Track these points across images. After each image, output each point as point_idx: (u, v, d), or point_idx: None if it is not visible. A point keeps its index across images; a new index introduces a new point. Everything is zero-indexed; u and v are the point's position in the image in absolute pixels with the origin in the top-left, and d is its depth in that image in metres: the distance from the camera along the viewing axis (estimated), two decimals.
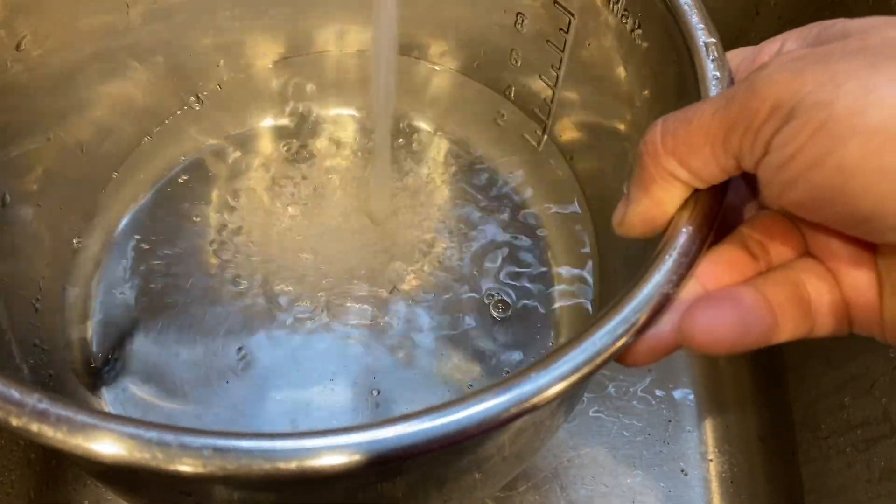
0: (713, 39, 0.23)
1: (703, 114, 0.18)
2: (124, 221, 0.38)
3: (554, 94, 0.34)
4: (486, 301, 0.37)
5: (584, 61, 0.32)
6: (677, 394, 0.44)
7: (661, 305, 0.19)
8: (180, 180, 0.40)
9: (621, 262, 0.29)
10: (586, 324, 0.19)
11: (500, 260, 0.38)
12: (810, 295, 0.19)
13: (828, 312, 0.19)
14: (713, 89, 0.22)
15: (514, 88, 0.37)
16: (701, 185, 0.20)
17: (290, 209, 0.40)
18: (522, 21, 0.33)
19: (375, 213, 0.39)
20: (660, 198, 0.20)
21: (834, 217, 0.17)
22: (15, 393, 0.17)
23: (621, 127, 0.31)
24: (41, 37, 0.30)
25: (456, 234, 0.39)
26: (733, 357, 0.44)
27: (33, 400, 0.17)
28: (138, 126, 0.38)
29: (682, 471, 0.43)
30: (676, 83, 0.24)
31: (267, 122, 0.42)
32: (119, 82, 0.35)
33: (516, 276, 0.38)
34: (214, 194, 0.40)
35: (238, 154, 0.41)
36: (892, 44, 0.17)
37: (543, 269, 0.38)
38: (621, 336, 0.19)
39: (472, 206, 0.39)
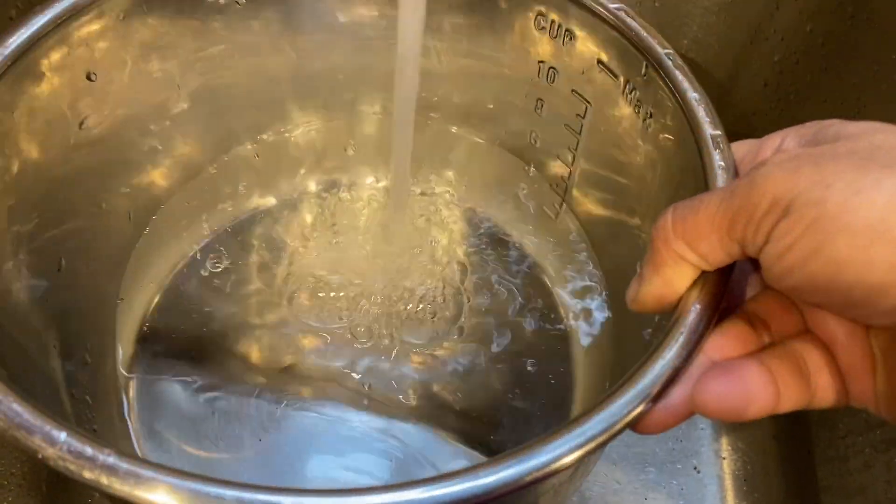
0: (719, 132, 0.25)
1: (709, 204, 0.20)
2: (168, 281, 0.41)
3: (571, 172, 0.37)
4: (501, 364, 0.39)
5: (599, 144, 0.34)
6: None
7: (672, 379, 0.21)
8: (221, 240, 0.43)
9: (634, 324, 0.31)
10: (602, 388, 0.20)
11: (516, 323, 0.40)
12: (810, 369, 0.21)
13: (826, 386, 0.21)
14: (719, 178, 0.24)
15: (532, 164, 0.40)
16: (708, 268, 0.22)
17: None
18: (542, 105, 0.36)
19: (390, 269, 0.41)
20: (670, 278, 0.22)
21: (828, 302, 0.19)
22: (88, 449, 0.19)
23: (635, 206, 0.33)
24: (102, 116, 0.32)
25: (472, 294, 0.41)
26: None
27: (104, 455, 0.19)
28: (182, 191, 0.41)
29: (696, 468, 0.44)
30: (685, 168, 0.27)
31: (305, 184, 0.45)
32: (166, 153, 0.38)
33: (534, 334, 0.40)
34: (254, 255, 0.43)
35: (278, 214, 0.44)
36: (879, 148, 0.18)
37: (560, 326, 0.40)
38: (636, 407, 0.20)
39: (491, 271, 0.41)
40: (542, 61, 0.33)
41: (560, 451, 0.19)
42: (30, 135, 0.29)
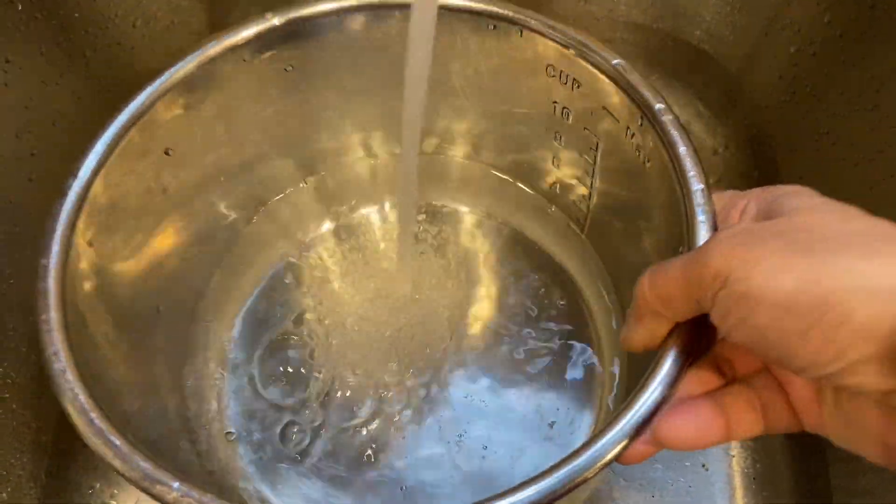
0: (701, 186, 0.27)
1: (675, 269, 0.23)
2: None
3: (591, 193, 0.39)
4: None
5: (611, 174, 0.37)
6: None
7: (649, 420, 0.24)
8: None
9: None
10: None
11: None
12: (766, 402, 0.25)
13: (781, 416, 0.24)
14: (700, 232, 0.27)
15: (558, 186, 0.42)
16: (680, 320, 0.25)
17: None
18: (561, 138, 0.38)
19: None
20: (651, 328, 0.25)
21: (763, 356, 0.24)
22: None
23: (640, 223, 0.35)
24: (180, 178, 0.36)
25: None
26: None
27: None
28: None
29: (704, 466, 0.43)
30: (675, 211, 0.29)
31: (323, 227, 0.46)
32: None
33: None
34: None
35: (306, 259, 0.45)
36: (808, 230, 0.21)
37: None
38: (619, 443, 0.23)
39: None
40: (555, 102, 0.36)
41: (551, 485, 0.23)
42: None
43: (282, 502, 0.38)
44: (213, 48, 0.33)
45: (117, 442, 0.25)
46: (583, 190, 0.40)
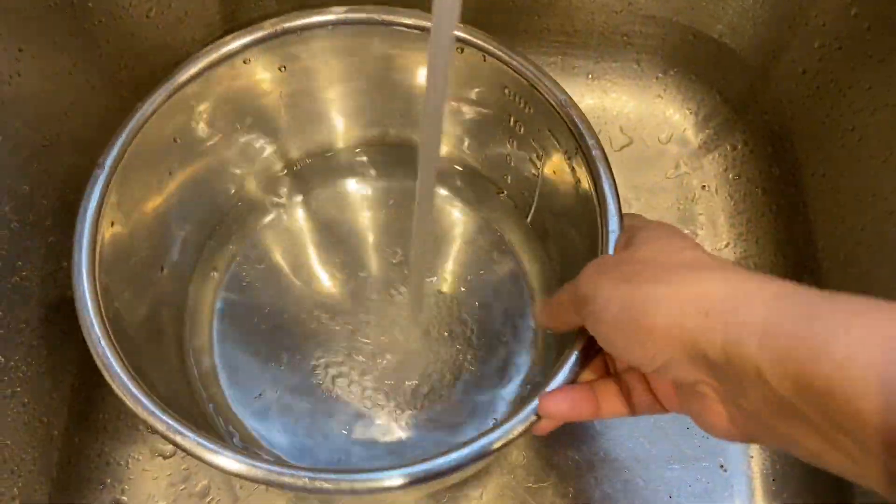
0: (616, 216, 0.33)
1: (563, 293, 0.30)
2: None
3: (535, 191, 0.44)
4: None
5: (551, 182, 0.41)
6: None
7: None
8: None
9: None
10: None
11: None
12: (632, 390, 0.30)
13: (644, 402, 0.30)
14: (611, 238, 0.33)
15: (509, 177, 0.46)
16: (574, 328, 0.31)
17: None
18: (514, 141, 0.43)
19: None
20: (556, 328, 0.33)
21: (617, 358, 0.31)
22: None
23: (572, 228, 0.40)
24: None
25: None
26: None
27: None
28: None
29: (722, 467, 0.43)
30: (593, 222, 0.34)
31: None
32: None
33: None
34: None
35: None
36: (641, 260, 0.27)
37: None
38: (529, 419, 0.30)
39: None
40: (510, 115, 0.40)
41: (471, 452, 0.29)
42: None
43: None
44: (213, 54, 0.37)
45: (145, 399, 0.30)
46: (530, 186, 0.44)
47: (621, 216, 0.33)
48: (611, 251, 0.33)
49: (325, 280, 0.45)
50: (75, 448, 0.40)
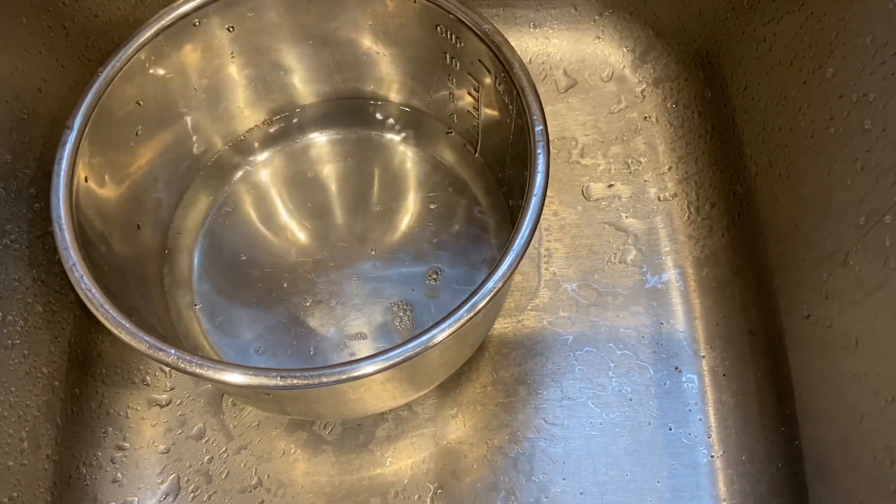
0: (540, 127, 0.36)
1: None
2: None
3: (478, 125, 0.47)
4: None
5: (489, 110, 0.44)
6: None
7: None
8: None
9: None
10: None
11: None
12: None
13: None
14: (539, 159, 0.36)
15: (455, 116, 0.49)
16: None
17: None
18: (453, 79, 0.46)
19: None
20: None
21: None
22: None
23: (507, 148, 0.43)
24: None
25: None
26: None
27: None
28: None
29: (676, 368, 0.46)
30: (524, 138, 0.37)
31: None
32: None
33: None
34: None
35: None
36: None
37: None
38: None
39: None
40: (445, 52, 0.43)
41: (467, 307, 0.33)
42: None
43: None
44: (164, 18, 0.40)
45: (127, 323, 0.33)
46: (473, 121, 0.47)
47: (545, 127, 0.37)
48: (539, 161, 0.36)
49: (295, 229, 0.48)
50: (76, 398, 0.44)
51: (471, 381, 0.46)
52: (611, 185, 0.52)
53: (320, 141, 0.51)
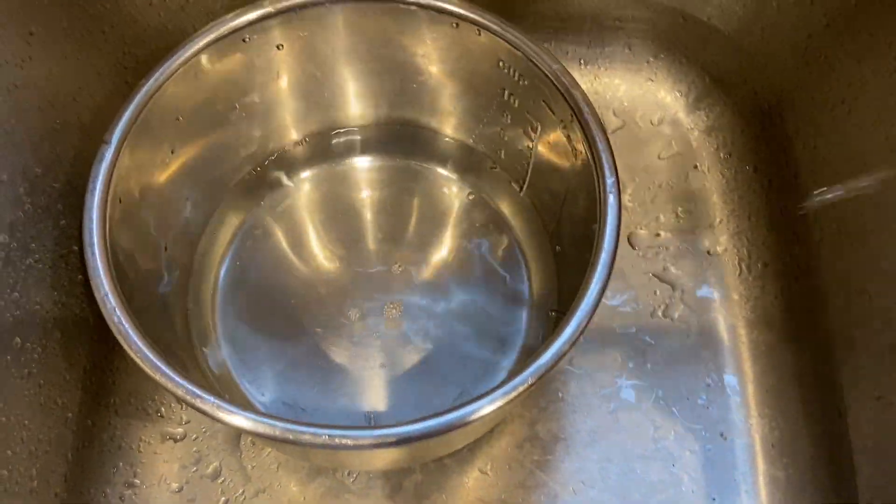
0: (612, 179, 0.35)
1: None
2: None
3: (528, 164, 0.45)
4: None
5: (546, 153, 0.42)
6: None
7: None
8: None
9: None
10: None
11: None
12: None
13: None
14: (610, 212, 0.34)
15: (503, 152, 0.47)
16: None
17: None
18: (509, 117, 0.44)
19: None
20: None
21: None
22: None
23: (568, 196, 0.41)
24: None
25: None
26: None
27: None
28: None
29: (722, 435, 0.44)
30: (591, 190, 0.35)
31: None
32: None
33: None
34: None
35: None
36: None
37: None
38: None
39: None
40: (504, 88, 0.41)
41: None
42: None
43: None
44: (213, 32, 0.38)
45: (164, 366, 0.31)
46: (524, 160, 0.45)
47: (618, 178, 0.35)
48: (610, 214, 0.34)
49: (325, 256, 0.46)
50: (88, 431, 0.41)
51: (505, 435, 0.44)
52: (658, 235, 0.50)
53: (360, 166, 0.49)
